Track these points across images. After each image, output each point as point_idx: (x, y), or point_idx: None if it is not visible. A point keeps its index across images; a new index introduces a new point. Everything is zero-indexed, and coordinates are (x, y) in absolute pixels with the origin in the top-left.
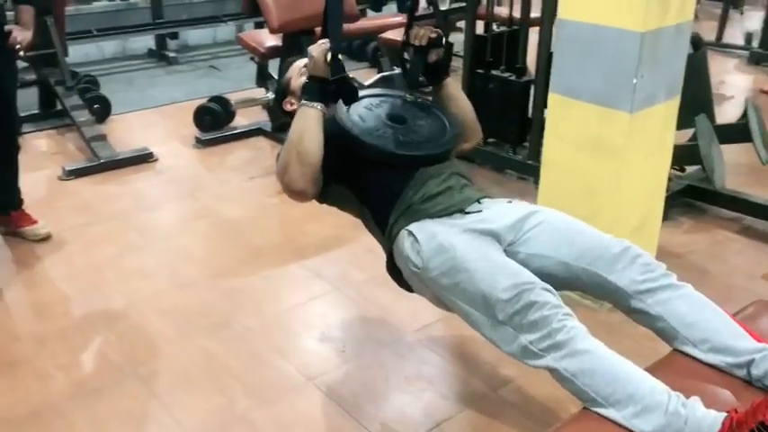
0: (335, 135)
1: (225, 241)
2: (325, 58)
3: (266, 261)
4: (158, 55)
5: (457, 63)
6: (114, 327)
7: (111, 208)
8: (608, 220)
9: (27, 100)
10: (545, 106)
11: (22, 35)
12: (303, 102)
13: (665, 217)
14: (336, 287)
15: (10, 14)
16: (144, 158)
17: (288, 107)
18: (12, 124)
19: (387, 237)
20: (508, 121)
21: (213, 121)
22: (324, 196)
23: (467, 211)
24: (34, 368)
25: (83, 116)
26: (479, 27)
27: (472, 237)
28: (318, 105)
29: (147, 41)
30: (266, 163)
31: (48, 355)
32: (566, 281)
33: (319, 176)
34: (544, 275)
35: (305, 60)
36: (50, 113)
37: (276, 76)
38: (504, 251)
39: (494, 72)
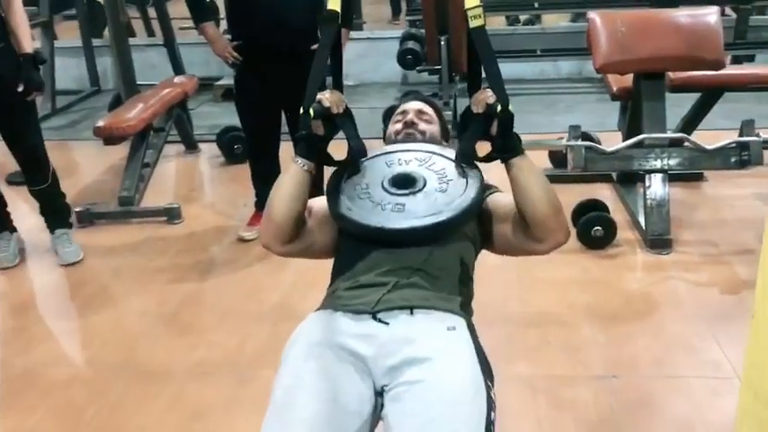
0: None
1: None
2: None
3: None
4: (598, 80)
5: None
6: (277, 326)
7: None
8: None
9: None
10: None
11: None
12: (293, 156)
13: None
14: None
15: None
16: None
17: None
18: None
19: None
20: None
21: (560, 161)
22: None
23: (378, 317)
24: (193, 338)
25: None
26: None
27: (326, 353)
28: (299, 160)
29: None
30: None
31: (211, 330)
32: None
33: (292, 236)
34: None
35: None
36: None
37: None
38: (377, 394)
39: None
